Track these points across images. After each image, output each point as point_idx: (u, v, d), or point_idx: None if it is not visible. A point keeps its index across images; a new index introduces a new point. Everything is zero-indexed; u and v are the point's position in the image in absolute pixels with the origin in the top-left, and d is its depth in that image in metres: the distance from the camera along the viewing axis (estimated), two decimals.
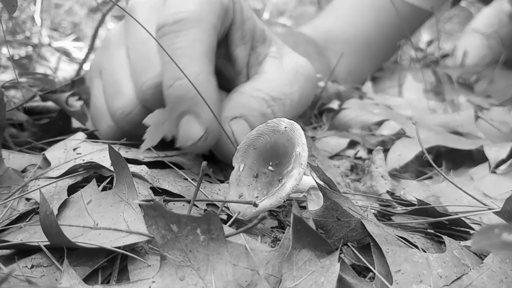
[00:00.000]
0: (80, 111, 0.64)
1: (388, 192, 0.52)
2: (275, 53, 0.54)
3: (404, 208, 0.46)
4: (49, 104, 0.72)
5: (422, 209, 0.43)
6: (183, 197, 0.43)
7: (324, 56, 1.00)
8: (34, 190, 0.43)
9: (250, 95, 0.50)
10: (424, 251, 0.37)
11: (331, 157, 0.66)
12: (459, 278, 0.34)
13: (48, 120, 0.66)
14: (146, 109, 0.48)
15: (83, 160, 0.47)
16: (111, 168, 0.44)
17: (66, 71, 1.20)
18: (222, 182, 0.49)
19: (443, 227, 0.43)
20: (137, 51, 0.49)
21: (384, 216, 0.46)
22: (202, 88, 0.43)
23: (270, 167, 0.40)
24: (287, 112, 0.52)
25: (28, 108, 0.69)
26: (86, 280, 0.32)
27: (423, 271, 0.34)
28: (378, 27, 1.04)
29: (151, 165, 0.48)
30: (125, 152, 0.50)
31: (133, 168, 0.44)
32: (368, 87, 1.02)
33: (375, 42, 1.06)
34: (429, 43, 1.66)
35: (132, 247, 0.33)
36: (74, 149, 0.50)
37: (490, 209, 0.44)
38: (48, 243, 0.33)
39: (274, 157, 0.40)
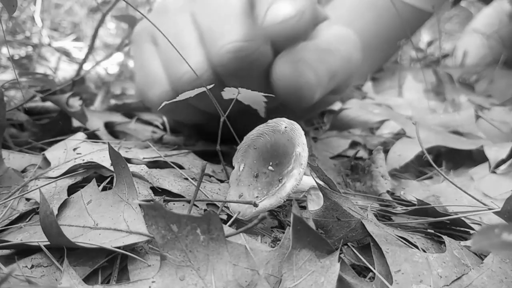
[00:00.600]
0: (80, 111, 0.65)
1: (388, 192, 0.52)
2: (323, 25, 0.56)
3: (404, 208, 0.46)
4: (49, 104, 0.72)
5: (422, 209, 0.43)
6: (183, 197, 0.43)
7: None
8: (34, 190, 0.43)
9: (302, 49, 0.49)
10: (424, 251, 0.37)
11: (332, 157, 0.66)
12: (459, 278, 0.34)
13: (48, 120, 0.66)
14: (215, 76, 0.48)
15: (83, 160, 0.47)
16: (111, 168, 0.44)
17: (66, 71, 1.20)
18: (222, 182, 0.49)
19: (443, 227, 0.43)
20: (211, 16, 0.48)
21: (384, 216, 0.46)
22: None
23: (270, 167, 0.40)
24: (339, 66, 0.52)
25: (28, 108, 0.69)
26: (86, 280, 0.32)
27: (423, 271, 0.34)
28: (377, 28, 1.04)
29: (151, 164, 0.48)
30: (125, 152, 0.50)
31: (133, 168, 0.44)
32: (368, 87, 1.03)
33: (375, 42, 1.06)
34: (430, 43, 1.66)
35: (132, 247, 0.33)
36: (74, 149, 0.50)
37: (490, 209, 0.44)
38: (48, 243, 0.33)
39: (274, 157, 0.40)
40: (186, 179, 0.46)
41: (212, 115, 0.56)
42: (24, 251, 0.35)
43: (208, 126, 0.63)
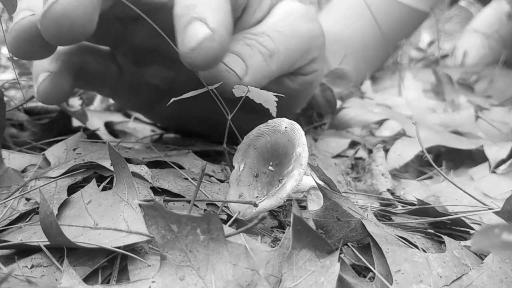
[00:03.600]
0: (81, 110, 0.65)
1: (388, 190, 0.52)
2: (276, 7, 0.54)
3: (404, 208, 0.46)
4: None
5: (422, 209, 0.43)
6: (183, 197, 0.43)
7: None
8: (34, 189, 0.43)
9: (234, 38, 0.48)
10: (424, 251, 0.37)
11: (332, 157, 0.66)
12: (459, 278, 0.34)
13: (48, 120, 0.66)
14: None
15: (83, 160, 0.47)
16: (111, 168, 0.44)
17: None
18: (222, 182, 0.49)
19: (443, 227, 0.43)
20: None
21: (384, 216, 0.46)
22: (213, 1, 0.40)
23: (270, 167, 0.40)
24: (278, 43, 0.49)
25: (28, 108, 0.69)
26: (86, 280, 0.32)
27: (423, 271, 0.34)
28: (375, 29, 1.04)
29: (151, 164, 0.48)
30: (125, 152, 0.50)
31: (133, 167, 0.44)
32: (367, 86, 1.03)
33: (372, 43, 1.06)
34: (431, 43, 1.66)
35: (132, 247, 0.33)
36: (74, 149, 0.50)
37: (490, 209, 0.44)
38: (48, 243, 0.33)
39: (275, 157, 0.40)
40: (186, 179, 0.46)
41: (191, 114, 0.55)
42: (24, 251, 0.35)
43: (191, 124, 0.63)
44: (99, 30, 0.41)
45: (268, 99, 0.45)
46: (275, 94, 0.44)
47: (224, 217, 0.40)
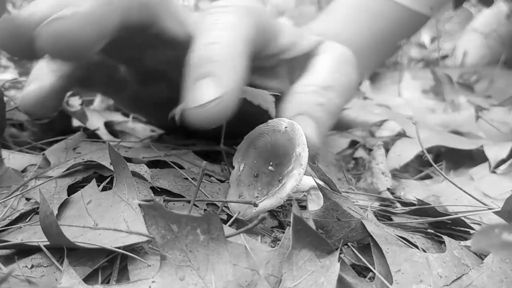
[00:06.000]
0: (81, 110, 0.65)
1: (388, 190, 0.52)
2: (320, 49, 0.55)
3: (404, 208, 0.46)
4: None
5: (422, 209, 0.43)
6: (183, 197, 0.43)
7: None
8: (34, 187, 0.43)
9: (302, 92, 0.49)
10: (424, 251, 0.37)
11: (332, 155, 0.66)
12: (459, 278, 0.34)
13: (48, 120, 0.66)
14: None
15: (83, 159, 0.47)
16: (111, 168, 0.44)
17: None
18: (222, 182, 0.49)
19: (443, 227, 0.43)
20: None
21: (384, 216, 0.46)
22: (230, 56, 0.39)
23: (270, 167, 0.40)
24: (341, 96, 0.51)
25: None
26: (86, 280, 0.32)
27: (423, 271, 0.34)
28: (373, 31, 1.04)
29: (151, 164, 0.48)
30: (124, 152, 0.50)
31: (132, 167, 0.44)
32: (366, 87, 1.03)
33: (371, 45, 1.06)
34: (432, 40, 1.66)
35: (132, 247, 0.33)
36: (74, 149, 0.50)
37: (490, 209, 0.44)
38: (48, 243, 0.33)
39: (275, 157, 0.40)
40: (186, 179, 0.46)
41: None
42: (24, 251, 0.35)
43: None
44: (112, 50, 0.41)
45: (266, 99, 0.45)
46: (272, 93, 0.44)
47: (224, 217, 0.40)
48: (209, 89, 0.38)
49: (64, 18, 0.33)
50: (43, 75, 0.47)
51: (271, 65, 0.52)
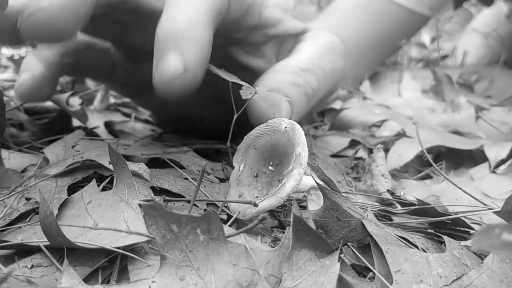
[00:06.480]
0: (81, 110, 0.65)
1: (388, 191, 0.52)
2: (307, 36, 0.55)
3: (404, 208, 0.46)
4: (49, 103, 0.72)
5: (422, 209, 0.43)
6: (183, 196, 0.43)
7: None
8: (34, 188, 0.43)
9: (280, 71, 0.49)
10: (424, 251, 0.37)
11: (332, 156, 0.66)
12: (459, 278, 0.34)
13: (47, 120, 0.66)
14: None
15: (82, 157, 0.47)
16: (111, 167, 0.44)
17: None
18: (222, 181, 0.49)
19: (443, 227, 0.43)
20: None
21: (384, 216, 0.46)
22: (194, 31, 0.40)
23: (270, 167, 0.40)
24: (321, 81, 0.51)
25: (28, 108, 0.69)
26: (86, 280, 0.32)
27: (423, 271, 0.34)
28: (372, 31, 1.04)
29: (151, 164, 0.48)
30: (123, 149, 0.50)
31: (132, 167, 0.44)
32: (366, 87, 1.03)
33: (370, 45, 1.06)
34: (433, 40, 1.66)
35: (132, 247, 0.33)
36: (73, 147, 0.50)
37: (490, 209, 0.44)
38: (48, 243, 0.33)
39: (274, 157, 0.40)
40: (186, 178, 0.46)
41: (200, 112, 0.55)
42: (24, 251, 0.35)
43: (201, 123, 0.63)
44: (97, 30, 0.41)
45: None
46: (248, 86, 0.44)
47: (224, 217, 0.40)
48: (172, 63, 0.39)
49: (42, 9, 0.35)
50: (33, 66, 0.49)
51: (257, 40, 0.52)
